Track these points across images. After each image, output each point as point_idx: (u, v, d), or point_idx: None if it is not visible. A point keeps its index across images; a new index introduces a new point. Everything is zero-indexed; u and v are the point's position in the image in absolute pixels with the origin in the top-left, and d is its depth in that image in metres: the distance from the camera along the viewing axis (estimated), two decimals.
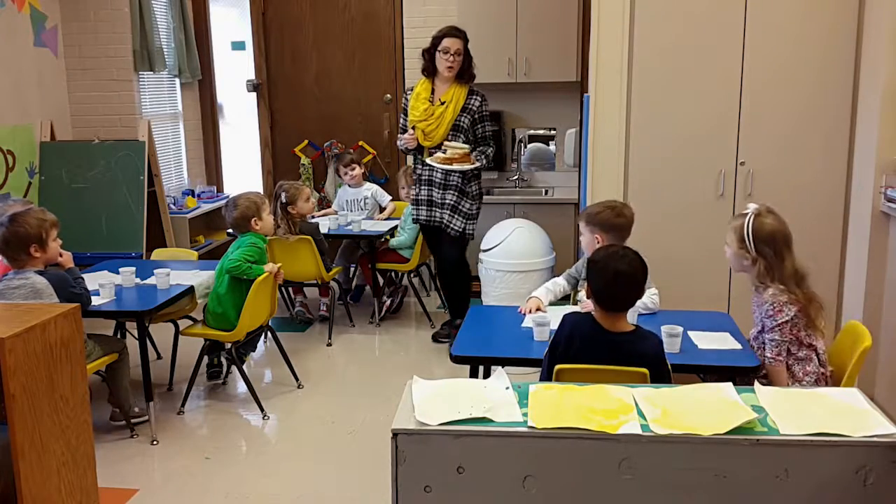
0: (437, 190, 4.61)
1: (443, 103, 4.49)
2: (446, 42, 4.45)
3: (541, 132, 6.34)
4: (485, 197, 6.05)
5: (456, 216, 4.61)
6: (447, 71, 4.47)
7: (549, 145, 6.35)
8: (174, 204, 6.00)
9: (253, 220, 4.00)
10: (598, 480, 1.79)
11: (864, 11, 3.79)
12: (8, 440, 2.31)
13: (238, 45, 6.81)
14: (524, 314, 3.15)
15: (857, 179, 3.89)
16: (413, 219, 4.79)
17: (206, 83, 6.64)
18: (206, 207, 6.22)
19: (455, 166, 4.46)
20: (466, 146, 4.50)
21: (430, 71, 4.57)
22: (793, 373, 2.74)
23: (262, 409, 3.91)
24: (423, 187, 4.67)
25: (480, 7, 5.83)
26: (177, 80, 6.36)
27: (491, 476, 1.81)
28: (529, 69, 5.84)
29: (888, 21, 3.59)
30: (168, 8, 6.05)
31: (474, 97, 4.57)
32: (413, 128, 4.57)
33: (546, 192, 6.14)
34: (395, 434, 1.81)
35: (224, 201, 6.32)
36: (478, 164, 4.53)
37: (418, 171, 4.69)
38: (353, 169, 5.73)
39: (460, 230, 4.64)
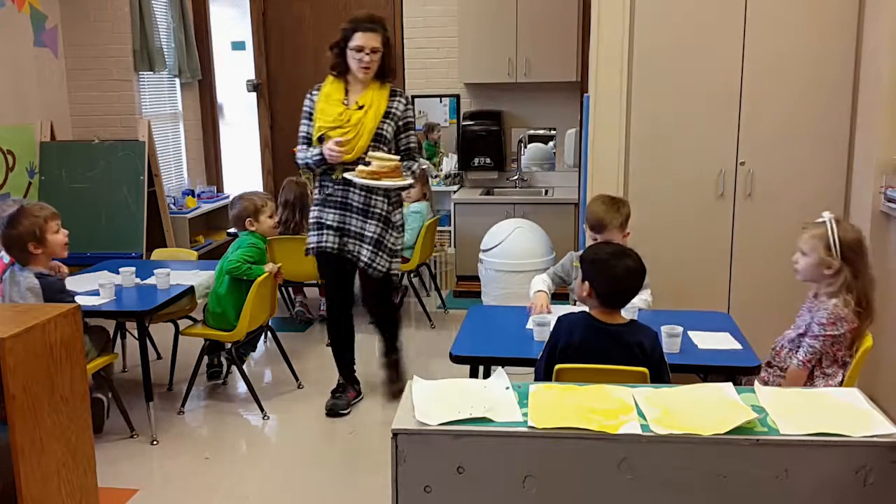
0: (355, 217, 3.67)
1: (361, 107, 3.60)
2: (359, 39, 3.57)
3: (541, 132, 6.35)
4: (485, 197, 6.12)
5: (380, 254, 3.71)
6: (361, 73, 3.60)
7: (549, 145, 6.36)
8: (174, 204, 6.00)
9: (248, 220, 4.01)
10: (598, 480, 1.79)
11: (863, 11, 3.79)
12: (8, 440, 2.32)
13: (238, 45, 6.82)
14: (532, 313, 3.11)
15: (857, 179, 3.89)
16: (307, 248, 3.82)
17: (206, 83, 6.65)
18: (206, 207, 6.22)
19: (384, 182, 3.51)
20: (396, 157, 3.57)
21: (341, 69, 3.66)
22: (815, 385, 2.72)
23: (262, 409, 3.91)
24: (331, 210, 3.70)
25: (480, 7, 5.84)
26: (177, 80, 6.36)
27: (491, 476, 1.81)
28: (529, 69, 5.84)
29: (888, 21, 3.59)
30: (168, 8, 6.06)
31: (397, 99, 3.68)
32: (322, 137, 3.60)
33: (546, 192, 6.14)
34: (395, 434, 1.81)
35: (224, 201, 6.36)
36: (410, 182, 3.65)
37: (327, 191, 3.69)
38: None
39: (384, 270, 3.74)
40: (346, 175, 3.55)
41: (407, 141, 3.75)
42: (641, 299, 3.16)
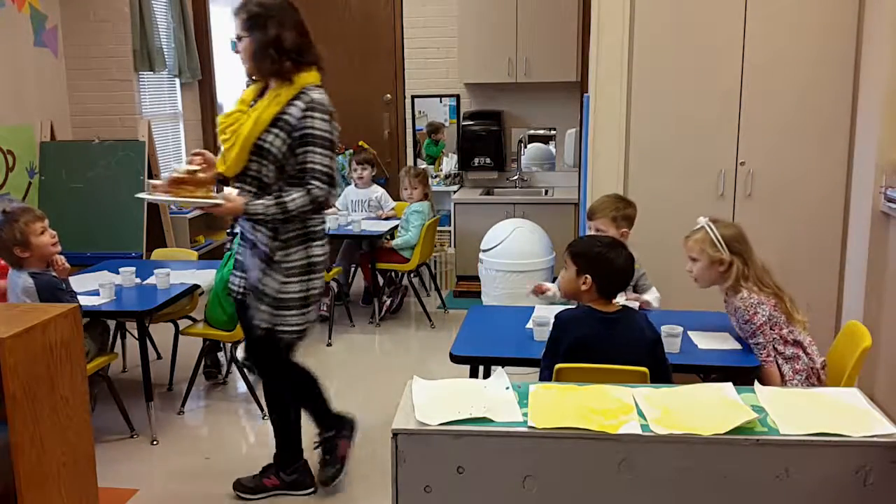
0: (247, 252, 2.94)
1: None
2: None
3: (541, 132, 6.35)
4: (485, 197, 6.11)
5: (261, 305, 2.87)
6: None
7: (549, 145, 6.36)
8: (174, 204, 5.99)
9: None
10: (598, 480, 1.79)
11: (863, 10, 3.79)
12: (8, 440, 2.31)
13: None
14: (531, 292, 3.31)
15: (857, 179, 3.89)
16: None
17: (206, 83, 6.64)
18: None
19: (155, 196, 2.81)
20: (194, 167, 2.78)
21: None
22: (782, 373, 2.74)
23: (262, 409, 3.91)
24: (239, 244, 3.02)
25: (480, 7, 5.84)
26: (177, 80, 6.36)
27: (491, 476, 1.81)
28: (529, 69, 5.84)
29: (888, 20, 3.59)
30: (168, 8, 6.05)
31: (295, 104, 2.76)
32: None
33: (546, 192, 6.14)
34: (395, 434, 1.81)
35: None
36: (208, 202, 2.75)
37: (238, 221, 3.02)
38: (366, 169, 5.71)
39: (264, 326, 2.87)
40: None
41: (303, 158, 2.76)
42: (655, 297, 3.25)
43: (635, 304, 3.02)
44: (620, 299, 2.80)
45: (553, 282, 3.53)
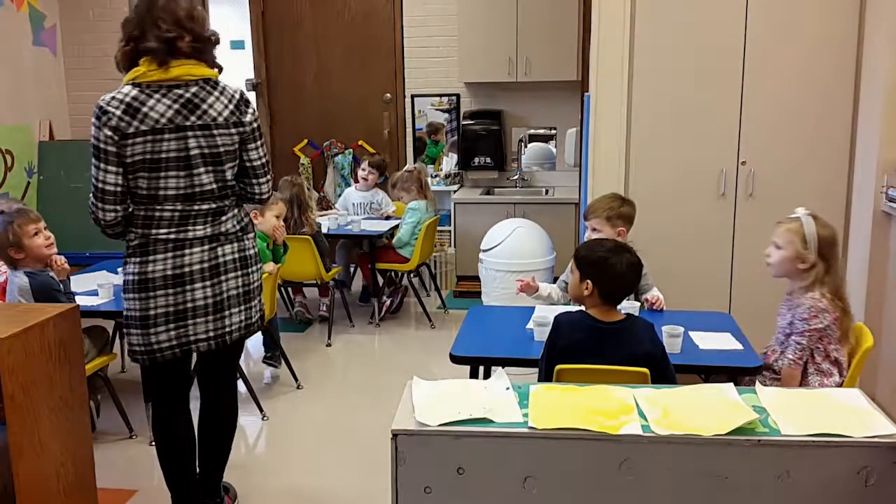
0: None
1: None
2: None
3: (541, 132, 6.34)
4: (485, 197, 6.10)
5: None
6: None
7: (549, 145, 6.35)
8: None
9: (252, 212, 4.01)
10: (598, 481, 1.79)
11: (864, 10, 3.79)
12: (6, 441, 2.31)
13: (237, 45, 6.81)
14: (519, 290, 3.28)
15: (858, 179, 3.88)
16: None
17: None
18: None
19: None
20: None
21: None
22: (809, 383, 2.72)
23: (261, 410, 3.91)
24: None
25: (480, 7, 5.83)
26: None
27: (491, 477, 1.80)
28: (529, 69, 5.84)
29: (889, 20, 3.58)
30: None
31: None
32: None
33: (546, 192, 6.14)
34: (395, 435, 1.81)
35: None
36: None
37: None
38: (372, 173, 5.69)
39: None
40: None
41: None
42: (654, 295, 3.21)
43: (635, 308, 2.98)
44: (624, 303, 2.78)
45: (554, 282, 3.53)
